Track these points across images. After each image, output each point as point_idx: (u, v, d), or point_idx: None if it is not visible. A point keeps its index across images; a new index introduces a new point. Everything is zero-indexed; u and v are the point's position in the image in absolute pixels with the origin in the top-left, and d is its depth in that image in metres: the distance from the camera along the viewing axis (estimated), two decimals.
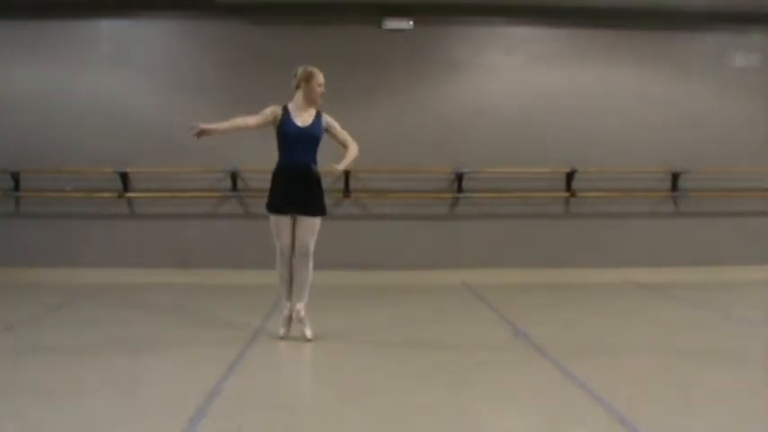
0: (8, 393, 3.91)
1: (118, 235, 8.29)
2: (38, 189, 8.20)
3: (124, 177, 8.18)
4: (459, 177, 8.31)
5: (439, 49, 8.42)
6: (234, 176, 8.20)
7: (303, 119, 5.17)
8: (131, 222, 8.34)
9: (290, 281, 5.23)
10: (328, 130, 5.24)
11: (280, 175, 5.17)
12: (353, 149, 5.21)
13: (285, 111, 5.19)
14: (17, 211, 8.32)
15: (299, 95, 5.21)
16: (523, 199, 8.42)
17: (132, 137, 8.23)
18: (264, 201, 5.24)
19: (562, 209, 8.56)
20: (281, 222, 5.16)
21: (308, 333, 5.15)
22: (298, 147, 5.12)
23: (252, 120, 5.17)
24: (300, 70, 5.20)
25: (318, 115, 5.22)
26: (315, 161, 5.19)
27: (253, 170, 8.20)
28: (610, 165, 8.39)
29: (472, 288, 7.77)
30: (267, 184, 8.53)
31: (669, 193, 8.56)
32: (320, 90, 5.19)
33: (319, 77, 5.19)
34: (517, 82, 8.48)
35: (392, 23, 8.33)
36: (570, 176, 8.38)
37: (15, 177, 8.18)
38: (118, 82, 8.28)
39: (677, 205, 8.66)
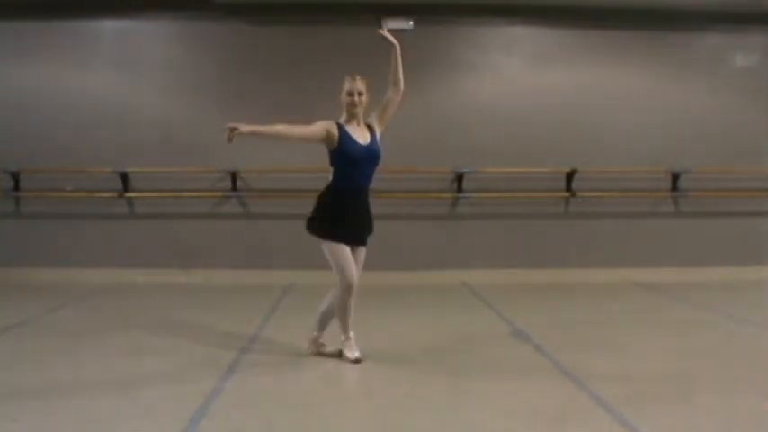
0: (8, 394, 3.91)
1: (118, 235, 8.30)
2: (38, 189, 8.20)
3: (124, 177, 8.19)
4: (459, 177, 8.31)
5: (439, 49, 8.41)
6: (234, 176, 8.20)
7: (362, 137, 4.54)
8: (131, 222, 8.34)
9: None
10: (381, 123, 4.69)
11: (341, 200, 4.50)
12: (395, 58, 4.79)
13: (341, 128, 4.50)
14: (17, 211, 8.33)
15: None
16: (523, 199, 8.42)
17: (132, 137, 8.24)
18: (314, 224, 4.57)
19: (562, 209, 8.56)
20: (347, 252, 4.53)
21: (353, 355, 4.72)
22: (364, 169, 4.52)
23: (298, 131, 4.46)
24: None
25: (372, 130, 4.61)
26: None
27: (253, 170, 8.21)
28: (610, 165, 8.39)
29: (472, 288, 7.77)
30: (267, 185, 8.51)
31: (669, 193, 8.56)
32: (349, 100, 4.49)
33: (346, 85, 4.52)
34: (517, 82, 8.49)
35: (392, 23, 8.31)
36: (570, 176, 8.38)
37: (15, 177, 8.18)
38: (118, 82, 8.29)
39: (677, 205, 8.66)
